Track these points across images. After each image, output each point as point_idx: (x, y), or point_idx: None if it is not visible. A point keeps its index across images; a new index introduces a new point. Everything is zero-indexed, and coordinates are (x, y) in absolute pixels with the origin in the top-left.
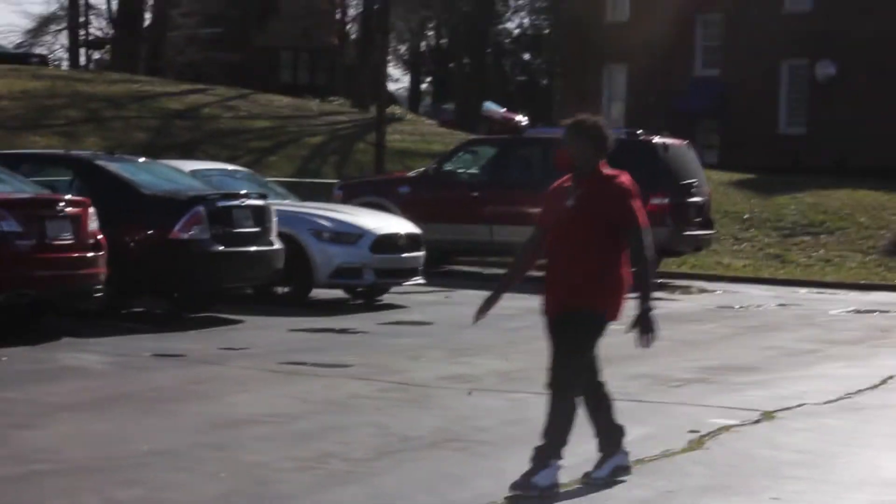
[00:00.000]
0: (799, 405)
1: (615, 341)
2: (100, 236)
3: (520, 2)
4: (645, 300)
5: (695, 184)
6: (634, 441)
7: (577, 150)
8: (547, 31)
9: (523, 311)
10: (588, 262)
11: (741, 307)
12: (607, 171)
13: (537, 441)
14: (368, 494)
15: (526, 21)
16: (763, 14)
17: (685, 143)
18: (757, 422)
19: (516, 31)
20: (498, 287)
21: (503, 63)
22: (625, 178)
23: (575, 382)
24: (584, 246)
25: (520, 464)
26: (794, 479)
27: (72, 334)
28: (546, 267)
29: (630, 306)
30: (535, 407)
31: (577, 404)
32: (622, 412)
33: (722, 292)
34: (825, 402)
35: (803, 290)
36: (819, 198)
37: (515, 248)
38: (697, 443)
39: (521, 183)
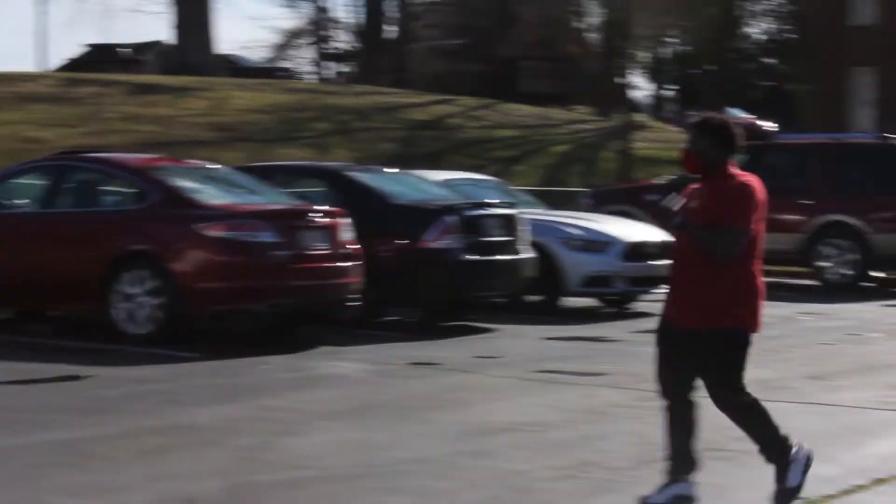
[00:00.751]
0: None
1: (875, 350)
2: (355, 246)
3: (763, 6)
4: (686, 222)
5: None
6: None
7: (703, 151)
8: (791, 35)
9: (778, 319)
10: (712, 272)
11: None
12: (734, 171)
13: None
14: None
15: (771, 26)
16: None
17: None
18: None
19: (761, 37)
20: None
21: (748, 68)
22: (748, 179)
23: (738, 390)
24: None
25: None
26: None
27: (328, 343)
28: (671, 272)
29: None
30: (796, 416)
31: (755, 402)
32: (888, 423)
33: None
34: None
35: None
36: None
37: (770, 255)
38: None
39: (769, 189)
